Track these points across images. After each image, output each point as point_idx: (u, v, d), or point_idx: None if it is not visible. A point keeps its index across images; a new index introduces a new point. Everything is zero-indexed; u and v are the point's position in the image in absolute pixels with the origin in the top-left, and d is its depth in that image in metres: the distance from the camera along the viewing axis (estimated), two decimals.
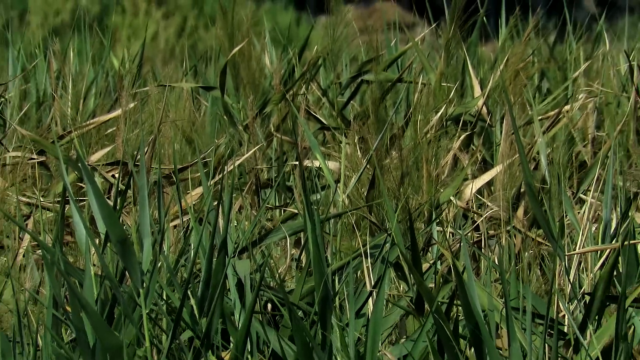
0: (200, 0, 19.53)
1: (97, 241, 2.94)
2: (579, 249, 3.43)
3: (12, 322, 2.94)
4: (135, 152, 4.27)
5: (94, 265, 2.97)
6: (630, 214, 3.48)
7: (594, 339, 2.89)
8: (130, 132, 4.54)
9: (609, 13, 9.12)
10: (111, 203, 3.14)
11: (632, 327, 3.01)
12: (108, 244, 2.90)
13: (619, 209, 3.61)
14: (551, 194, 3.63)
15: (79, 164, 3.32)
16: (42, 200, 4.05)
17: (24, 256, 3.60)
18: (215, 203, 3.15)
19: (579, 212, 3.69)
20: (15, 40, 7.05)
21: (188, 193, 4.09)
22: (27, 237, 3.62)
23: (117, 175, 4.18)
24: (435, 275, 3.45)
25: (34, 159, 4.27)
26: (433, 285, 3.23)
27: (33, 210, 3.99)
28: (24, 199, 3.98)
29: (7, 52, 6.36)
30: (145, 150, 3.99)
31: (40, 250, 3.47)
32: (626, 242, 3.19)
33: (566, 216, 3.59)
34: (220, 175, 4.20)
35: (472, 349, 2.82)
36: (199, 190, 3.99)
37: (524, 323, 2.80)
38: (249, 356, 2.88)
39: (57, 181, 4.31)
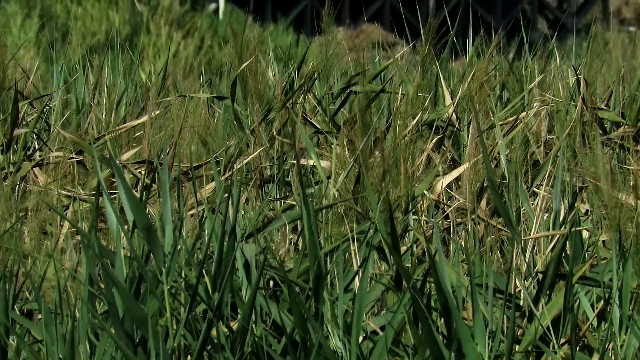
0: (215, 24, 19.47)
1: (126, 228, 2.92)
2: (533, 234, 3.41)
3: (54, 296, 2.92)
4: (159, 152, 4.23)
5: (124, 248, 2.94)
6: (576, 205, 3.46)
7: (546, 310, 2.88)
8: (154, 135, 4.50)
9: (559, 34, 9.15)
10: (138, 195, 3.13)
11: (578, 300, 3.00)
12: (135, 230, 2.88)
13: (566, 201, 3.58)
14: (509, 188, 3.60)
15: (111, 162, 3.31)
16: (79, 193, 4.03)
17: (64, 241, 3.58)
18: (226, 196, 3.13)
19: (533, 204, 3.66)
20: (59, 57, 6.98)
21: (203, 187, 4.04)
22: (66, 224, 3.60)
23: (143, 172, 4.17)
24: (412, 256, 3.42)
25: (73, 158, 4.25)
26: (409, 265, 3.21)
27: (72, 201, 3.96)
28: (64, 192, 3.96)
29: (51, 67, 6.30)
30: (167, 150, 3.94)
31: (78, 236, 3.46)
32: (573, 229, 3.18)
33: (522, 207, 3.57)
34: (230, 172, 4.16)
35: (442, 319, 2.81)
36: (212, 184, 3.95)
37: (486, 297, 2.79)
38: (254, 325, 2.86)
39: (92, 177, 4.27)
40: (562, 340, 2.91)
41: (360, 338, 2.83)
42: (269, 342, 2.90)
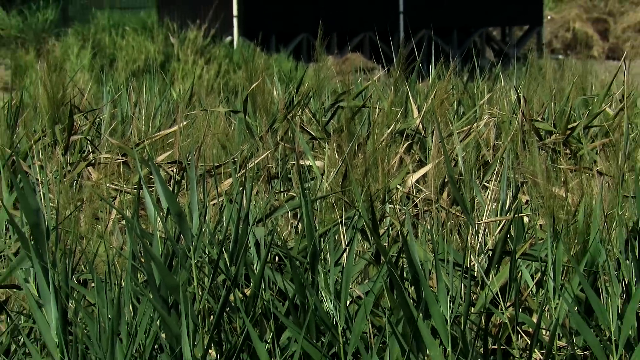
0: (230, 53, 19.13)
1: (161, 214, 2.85)
2: (484, 219, 3.31)
3: (104, 269, 2.83)
4: (187, 155, 4.04)
5: (159, 230, 2.87)
6: (518, 196, 3.36)
7: (495, 280, 2.81)
8: (183, 141, 4.30)
9: (503, 61, 8.88)
10: (171, 189, 3.05)
11: (520, 272, 2.93)
12: (169, 216, 2.81)
13: (511, 193, 3.48)
14: (465, 183, 3.50)
15: (149, 163, 3.21)
16: (124, 187, 3.89)
17: (112, 225, 3.48)
18: (240, 189, 3.05)
19: (484, 195, 3.54)
20: (107, 80, 6.74)
21: (222, 182, 3.91)
22: (114, 212, 3.50)
23: (174, 170, 4.03)
24: (388, 237, 3.36)
25: (119, 159, 4.09)
26: (386, 244, 3.14)
27: (118, 193, 3.83)
28: (112, 186, 3.82)
29: (101, 87, 6.00)
30: (194, 153, 3.80)
31: (123, 221, 3.37)
32: (516, 215, 3.11)
33: (476, 198, 3.48)
34: (244, 170, 4.01)
35: (413, 287, 2.75)
36: (230, 180, 3.82)
37: (447, 270, 2.72)
38: (263, 292, 2.79)
39: (134, 174, 4.10)
40: (508, 304, 2.84)
41: (348, 302, 2.76)
42: (275, 305, 2.83)
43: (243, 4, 20.77)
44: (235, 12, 20.63)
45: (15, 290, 3.17)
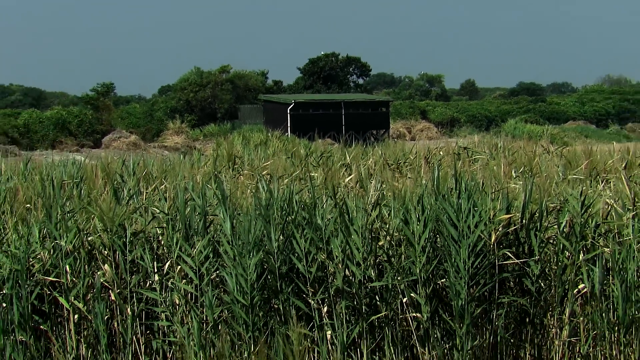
0: (286, 139, 29.19)
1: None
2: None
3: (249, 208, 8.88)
4: (274, 172, 9.80)
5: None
6: (384, 186, 8.88)
7: None
8: (271, 167, 9.90)
9: (377, 141, 16.62)
10: (266, 185, 8.64)
11: None
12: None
13: (378, 186, 9.31)
14: (365, 181, 9.54)
15: (259, 174, 8.95)
16: (252, 183, 9.73)
17: (249, 193, 9.37)
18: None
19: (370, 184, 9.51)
20: (246, 147, 12.73)
21: (282, 182, 9.68)
22: (248, 190, 9.46)
23: (269, 176, 9.66)
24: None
25: (252, 173, 9.86)
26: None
27: (251, 185, 9.57)
28: (248, 181, 9.21)
29: (245, 149, 12.02)
30: (275, 171, 9.59)
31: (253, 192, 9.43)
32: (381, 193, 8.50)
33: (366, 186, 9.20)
34: (291, 177, 9.90)
35: None
36: (287, 180, 9.84)
37: None
38: None
39: (255, 178, 9.88)
40: None
41: None
42: None
43: (292, 123, 45.54)
44: (289, 124, 45.46)
45: None
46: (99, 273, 7.88)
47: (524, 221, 7.83)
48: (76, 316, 7.86)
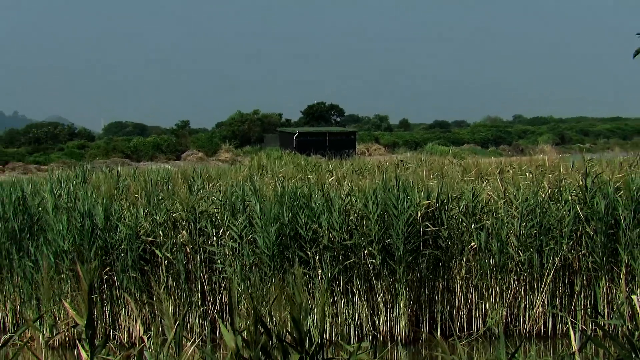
0: (293, 155, 32.60)
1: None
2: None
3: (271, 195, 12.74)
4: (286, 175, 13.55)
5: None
6: (360, 178, 12.93)
7: None
8: (285, 172, 13.78)
9: (349, 156, 23.11)
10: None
11: None
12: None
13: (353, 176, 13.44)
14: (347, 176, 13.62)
15: (275, 177, 12.85)
16: (266, 178, 13.50)
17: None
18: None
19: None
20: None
21: (289, 181, 13.53)
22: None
23: (283, 177, 13.54)
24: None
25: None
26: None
27: (271, 181, 13.40)
28: (267, 179, 13.20)
29: (268, 160, 15.80)
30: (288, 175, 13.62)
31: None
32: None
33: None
34: (296, 179, 13.80)
35: None
36: (293, 180, 13.80)
37: None
38: None
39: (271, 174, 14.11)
40: None
41: None
42: None
43: (297, 146, 59.55)
44: (295, 146, 58.93)
45: None
46: (179, 236, 11.43)
47: (437, 205, 11.51)
48: (166, 262, 11.39)
